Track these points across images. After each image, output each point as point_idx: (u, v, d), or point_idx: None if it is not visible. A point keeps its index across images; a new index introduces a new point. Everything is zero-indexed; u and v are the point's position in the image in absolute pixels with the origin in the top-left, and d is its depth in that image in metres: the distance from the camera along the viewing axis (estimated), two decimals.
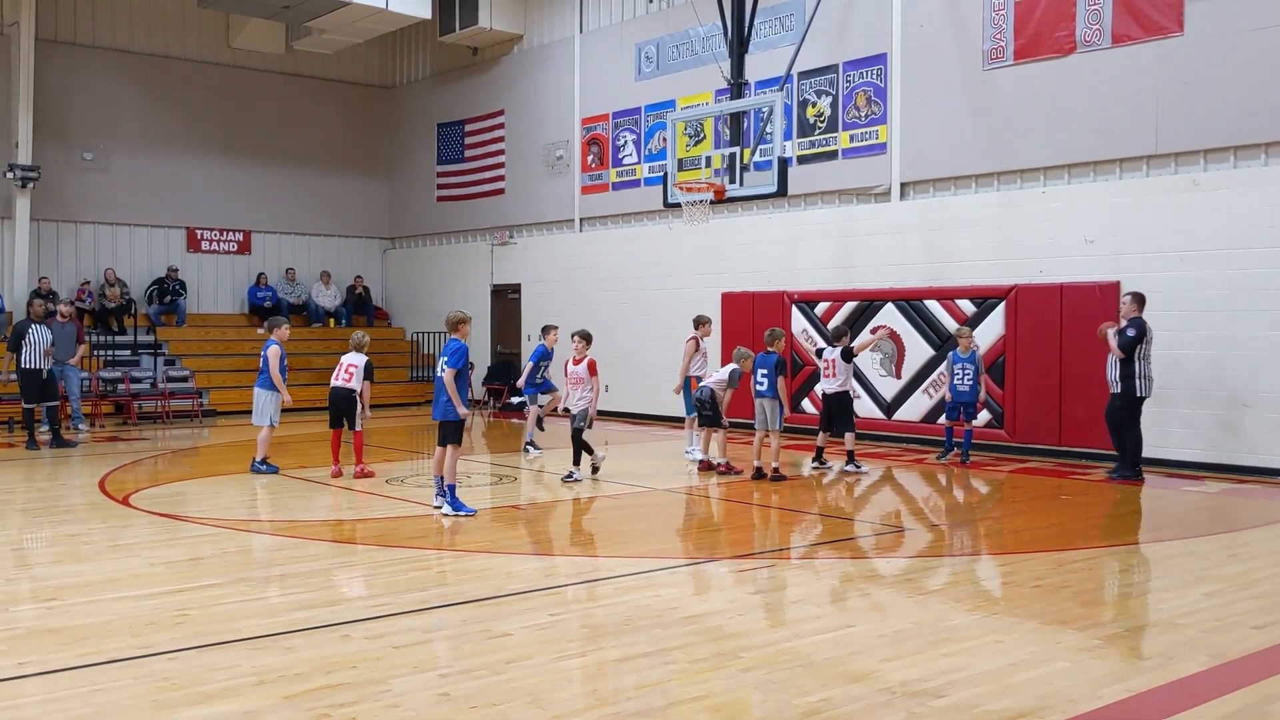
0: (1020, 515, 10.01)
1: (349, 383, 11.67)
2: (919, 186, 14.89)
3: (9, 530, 9.00)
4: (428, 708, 4.66)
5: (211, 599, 6.50)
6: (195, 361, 20.11)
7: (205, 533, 8.67)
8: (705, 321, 13.21)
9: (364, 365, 11.72)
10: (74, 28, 20.61)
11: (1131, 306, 11.44)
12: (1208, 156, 12.23)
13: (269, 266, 22.79)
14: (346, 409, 11.70)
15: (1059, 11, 13.24)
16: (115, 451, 14.38)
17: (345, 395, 11.69)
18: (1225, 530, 9.35)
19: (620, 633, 5.85)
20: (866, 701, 4.75)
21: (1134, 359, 11.26)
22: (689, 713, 4.64)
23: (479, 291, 21.97)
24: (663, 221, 17.94)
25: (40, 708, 4.76)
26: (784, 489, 11.02)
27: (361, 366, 11.70)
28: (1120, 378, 11.34)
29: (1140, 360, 11.29)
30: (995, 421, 13.73)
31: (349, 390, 11.66)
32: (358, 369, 11.70)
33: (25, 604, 6.60)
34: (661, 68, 18.14)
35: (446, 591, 6.76)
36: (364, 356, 11.82)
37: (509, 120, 21.26)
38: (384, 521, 9.35)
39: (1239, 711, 4.70)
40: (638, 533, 9.19)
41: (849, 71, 15.51)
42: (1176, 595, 6.72)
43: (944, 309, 14.27)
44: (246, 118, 22.40)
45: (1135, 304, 11.44)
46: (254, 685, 4.93)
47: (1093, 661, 5.36)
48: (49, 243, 20.41)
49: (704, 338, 13.20)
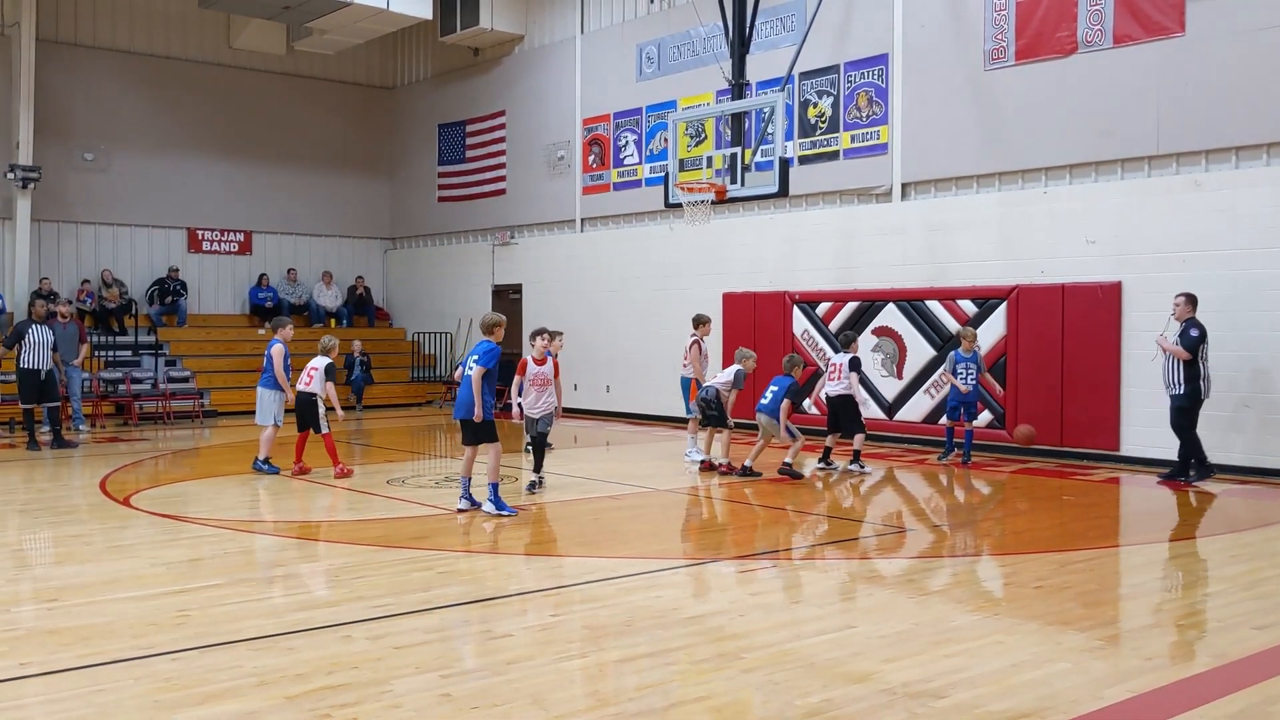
0: (1022, 516, 10.00)
1: (309, 386, 11.67)
2: (920, 187, 14.89)
3: (10, 531, 9.00)
4: (429, 708, 4.65)
5: (212, 599, 6.50)
6: (196, 362, 20.11)
7: (206, 533, 8.67)
8: (705, 321, 13.18)
9: (324, 368, 11.72)
10: (75, 28, 20.61)
11: (1186, 307, 11.21)
12: (1209, 157, 12.22)
13: (270, 267, 22.79)
14: (307, 412, 11.69)
15: (1060, 12, 13.23)
16: (116, 452, 14.38)
17: (305, 399, 11.69)
18: (1227, 530, 9.35)
19: (621, 633, 5.84)
20: (868, 702, 4.74)
21: (1197, 360, 11.07)
22: (690, 713, 4.64)
23: (480, 292, 21.98)
24: (664, 222, 17.94)
25: (41, 708, 4.76)
26: (784, 489, 11.01)
27: (321, 369, 11.70)
28: (1184, 379, 11.09)
29: (1201, 361, 11.11)
30: (997, 422, 13.73)
31: (309, 394, 11.67)
32: (318, 371, 11.70)
33: (26, 604, 6.61)
34: (663, 68, 18.14)
35: (448, 592, 6.76)
36: (326, 359, 11.82)
37: (510, 121, 21.26)
38: (385, 522, 9.35)
39: (1241, 712, 4.69)
40: (639, 533, 9.18)
41: (850, 72, 15.51)
42: (1178, 596, 6.71)
43: (945, 309, 14.26)
44: (247, 118, 22.40)
45: (1190, 305, 11.21)
46: (255, 686, 4.92)
47: (1094, 662, 5.35)
48: (50, 243, 20.42)
49: (704, 337, 13.19)
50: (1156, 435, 12.36)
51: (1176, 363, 11.18)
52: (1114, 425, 12.72)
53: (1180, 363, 11.13)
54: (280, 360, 11.86)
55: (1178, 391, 11.21)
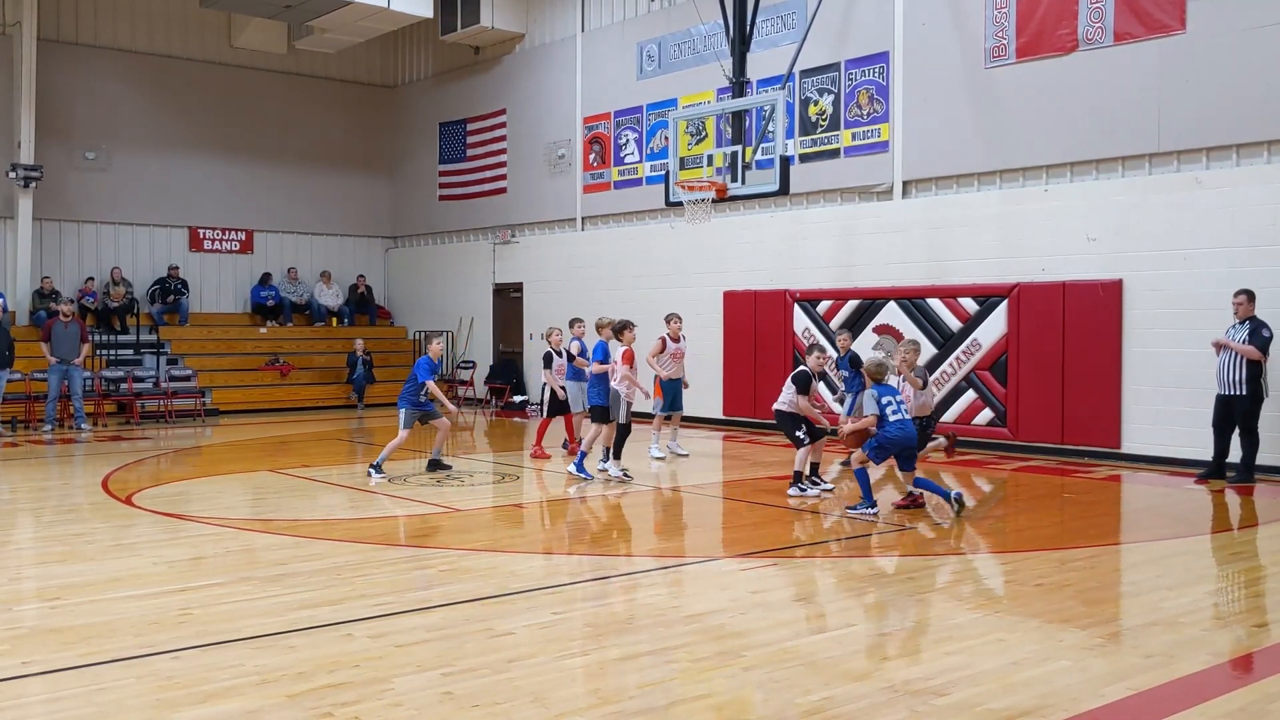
0: (1022, 514, 10.00)
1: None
2: (921, 185, 14.89)
3: (12, 529, 9.02)
4: (430, 707, 4.66)
5: (214, 598, 6.51)
6: (197, 361, 20.12)
7: (208, 532, 8.68)
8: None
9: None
10: (76, 28, 20.62)
11: (1248, 305, 10.89)
12: (1210, 154, 12.22)
13: (271, 266, 22.79)
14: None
15: (1061, 9, 13.22)
16: (118, 451, 14.40)
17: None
18: (1227, 529, 9.35)
19: (622, 631, 5.85)
20: (868, 700, 4.75)
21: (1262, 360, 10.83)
22: (691, 711, 4.65)
23: (481, 291, 21.99)
24: (665, 220, 17.94)
25: (43, 707, 4.77)
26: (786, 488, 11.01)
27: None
28: (1246, 379, 10.81)
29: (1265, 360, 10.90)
30: (998, 420, 13.73)
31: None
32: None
33: (28, 603, 6.62)
34: (663, 66, 18.14)
35: (449, 590, 6.77)
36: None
37: (511, 119, 21.26)
38: (386, 520, 9.36)
39: (1240, 710, 4.69)
40: (640, 531, 9.19)
41: (851, 70, 15.51)
42: (1178, 594, 6.71)
43: (946, 307, 14.26)
44: (248, 117, 22.40)
45: (1250, 301, 10.92)
46: (256, 684, 4.93)
47: (1094, 660, 5.36)
48: (51, 242, 20.43)
49: (673, 339, 13.13)
50: (1157, 433, 12.37)
51: (1237, 362, 10.85)
52: (1115, 423, 12.72)
53: (1244, 362, 10.81)
54: (427, 371, 11.85)
55: (1240, 392, 10.86)
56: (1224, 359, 10.98)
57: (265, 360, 21.11)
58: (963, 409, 14.03)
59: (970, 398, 13.92)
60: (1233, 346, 10.89)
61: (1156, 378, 12.43)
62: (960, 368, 13.98)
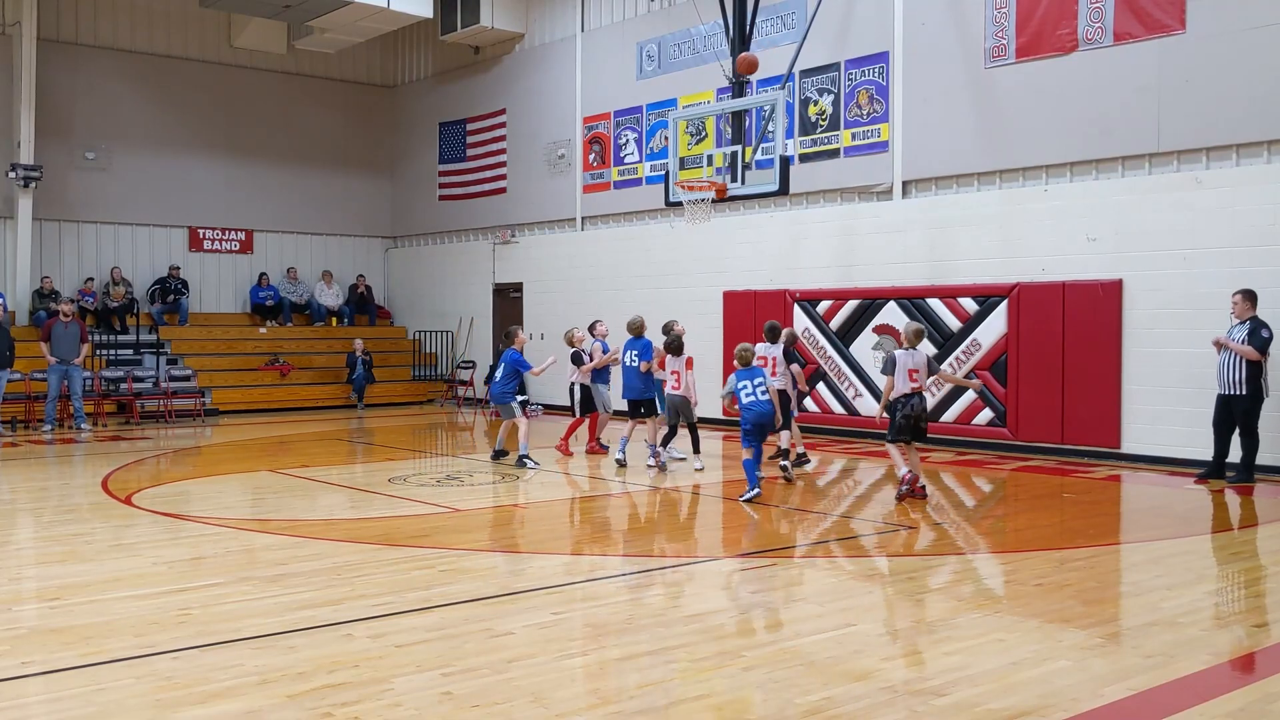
0: (1022, 514, 10.00)
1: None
2: (921, 185, 14.89)
3: (12, 529, 9.02)
4: (430, 707, 4.66)
5: (214, 598, 6.51)
6: (197, 361, 20.12)
7: (208, 532, 8.68)
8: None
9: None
10: (76, 27, 20.62)
11: (1246, 305, 10.90)
12: (1210, 154, 12.22)
13: (271, 266, 22.80)
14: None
15: (1061, 9, 13.22)
16: (118, 451, 14.39)
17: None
18: (1227, 528, 9.35)
19: (622, 631, 5.85)
20: (868, 700, 4.75)
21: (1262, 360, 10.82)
22: (691, 711, 4.64)
23: (481, 291, 21.99)
24: (664, 220, 17.94)
25: (43, 707, 4.77)
26: (785, 488, 11.01)
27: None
28: (1246, 379, 10.81)
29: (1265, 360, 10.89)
30: (998, 420, 13.73)
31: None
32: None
33: (28, 603, 6.62)
34: (663, 66, 18.13)
35: (448, 590, 6.76)
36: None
37: (510, 119, 21.26)
38: (386, 521, 9.36)
39: (1240, 710, 4.69)
40: (639, 531, 9.19)
41: (851, 70, 15.51)
42: (1178, 594, 6.71)
43: (946, 307, 14.26)
44: (248, 117, 22.40)
45: (1249, 301, 10.92)
46: (256, 684, 4.93)
47: (1094, 660, 5.36)
48: (51, 242, 20.43)
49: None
50: (1157, 433, 12.37)
51: (1237, 362, 10.84)
52: (1115, 423, 12.72)
53: (1244, 362, 10.80)
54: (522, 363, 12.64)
55: (1240, 392, 10.86)
56: (1224, 358, 10.99)
57: (265, 360, 21.11)
58: (963, 409, 14.04)
59: (970, 397, 13.92)
60: (1231, 347, 10.89)
61: (1156, 378, 12.43)
62: (960, 368, 13.97)
